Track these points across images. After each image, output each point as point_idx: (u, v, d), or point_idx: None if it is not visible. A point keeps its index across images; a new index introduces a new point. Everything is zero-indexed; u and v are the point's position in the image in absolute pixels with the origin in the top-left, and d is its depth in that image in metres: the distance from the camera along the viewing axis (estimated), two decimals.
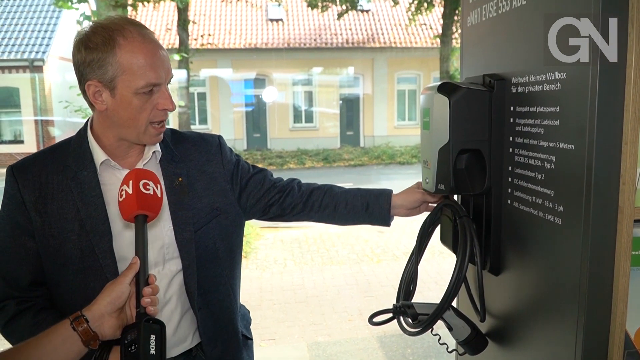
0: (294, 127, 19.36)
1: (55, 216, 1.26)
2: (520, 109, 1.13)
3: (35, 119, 16.89)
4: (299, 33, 19.15)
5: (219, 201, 1.42)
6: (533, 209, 1.09)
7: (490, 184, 1.23)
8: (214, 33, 18.32)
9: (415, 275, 1.45)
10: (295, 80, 19.49)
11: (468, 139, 1.21)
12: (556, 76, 0.99)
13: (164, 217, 1.34)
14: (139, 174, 1.12)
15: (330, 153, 17.21)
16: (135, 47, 1.19)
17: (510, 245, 1.22)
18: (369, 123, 19.34)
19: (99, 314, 1.04)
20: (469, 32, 1.41)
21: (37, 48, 16.66)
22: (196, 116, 18.54)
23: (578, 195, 0.94)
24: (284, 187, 1.54)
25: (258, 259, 6.49)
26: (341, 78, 19.67)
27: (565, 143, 0.98)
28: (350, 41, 19.01)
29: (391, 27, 19.45)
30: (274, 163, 16.42)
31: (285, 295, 5.25)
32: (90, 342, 1.03)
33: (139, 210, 1.08)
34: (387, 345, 4.02)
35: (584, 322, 0.94)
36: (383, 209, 1.51)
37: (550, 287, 1.06)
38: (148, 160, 1.34)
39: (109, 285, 1.07)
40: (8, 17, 17.30)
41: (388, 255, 6.41)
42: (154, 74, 1.20)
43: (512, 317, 1.24)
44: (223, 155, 1.47)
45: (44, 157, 1.33)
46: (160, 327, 1.02)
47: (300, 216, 1.56)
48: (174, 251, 1.34)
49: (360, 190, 1.55)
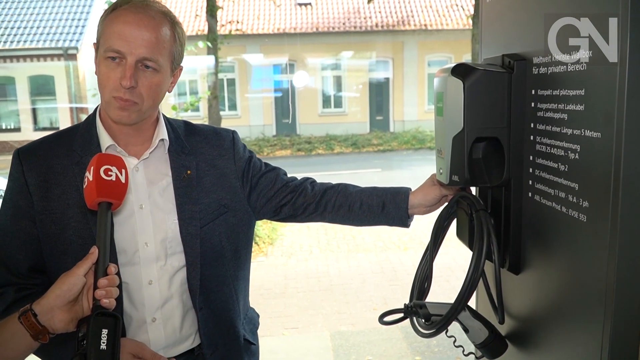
0: (322, 113, 19.24)
1: (57, 201, 1.24)
2: (542, 92, 1.02)
3: (70, 106, 17.29)
4: (328, 17, 18.92)
5: (227, 198, 1.37)
6: (556, 204, 0.99)
7: (509, 176, 1.13)
8: (243, 19, 18.27)
9: (430, 272, 1.36)
10: (324, 65, 19.32)
11: (485, 126, 1.11)
12: (582, 54, 0.88)
13: (169, 209, 1.30)
14: (101, 159, 1.06)
15: (359, 138, 17.03)
16: (119, 15, 1.19)
17: (531, 242, 1.12)
18: (399, 108, 19.04)
19: (48, 308, 0.99)
20: (489, 9, 1.29)
21: (71, 37, 16.99)
22: (225, 103, 18.60)
23: (605, 190, 0.83)
24: (296, 187, 1.46)
25: (284, 245, 6.48)
26: (370, 62, 19.40)
27: (591, 130, 0.87)
28: (379, 24, 18.69)
29: (421, 9, 19.03)
30: (302, 149, 16.37)
31: (309, 283, 5.22)
32: (39, 336, 0.98)
33: (100, 198, 1.02)
34: (411, 336, 3.94)
35: (611, 328, 0.84)
36: (401, 209, 1.41)
37: (573, 289, 0.95)
38: (154, 148, 1.31)
39: (62, 276, 1.02)
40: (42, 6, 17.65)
41: (415, 243, 6.30)
42: (119, 41, 1.17)
43: (533, 319, 1.14)
44: (235, 151, 1.43)
45: (51, 141, 1.32)
46: (114, 320, 0.95)
47: (314, 217, 1.48)
48: (177, 245, 1.30)
49: (377, 189, 1.45)
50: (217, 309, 1.37)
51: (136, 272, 1.27)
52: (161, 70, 1.22)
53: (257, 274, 5.51)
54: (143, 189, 1.29)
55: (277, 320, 4.36)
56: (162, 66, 1.21)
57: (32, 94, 17.69)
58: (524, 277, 1.16)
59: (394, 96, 19.16)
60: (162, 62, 1.21)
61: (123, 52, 1.17)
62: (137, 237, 1.27)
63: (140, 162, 1.30)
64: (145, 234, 1.28)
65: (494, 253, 1.15)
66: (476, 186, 1.27)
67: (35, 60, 17.12)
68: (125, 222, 1.26)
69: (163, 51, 1.21)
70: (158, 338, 1.30)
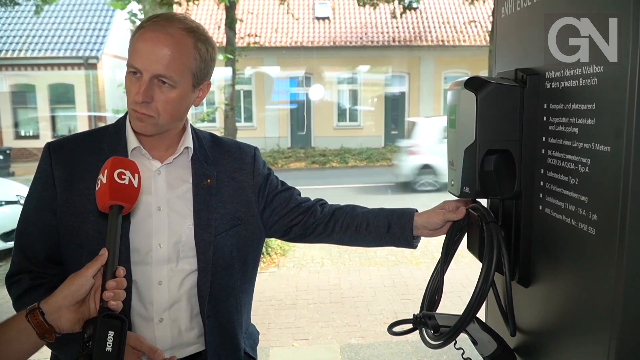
0: (338, 126, 19.29)
1: (80, 195, 1.28)
2: (554, 107, 1.03)
3: (89, 114, 17.55)
4: (345, 31, 19.06)
5: (242, 211, 1.41)
6: (565, 217, 0.99)
7: (520, 188, 1.14)
8: (261, 31, 18.46)
9: (441, 284, 1.37)
10: (340, 79, 19.42)
11: (496, 139, 1.12)
12: (593, 70, 0.89)
13: (186, 213, 1.33)
14: (115, 162, 1.08)
15: (373, 152, 17.03)
16: (142, 33, 1.23)
17: (541, 255, 1.12)
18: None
19: (56, 307, 1.00)
20: (503, 24, 1.31)
21: (92, 46, 17.30)
22: (242, 114, 18.74)
23: (614, 203, 0.83)
24: (308, 208, 1.50)
25: (295, 257, 6.48)
26: (386, 77, 19.44)
27: (601, 144, 0.88)
28: (396, 39, 18.77)
29: (439, 25, 19.08)
30: (316, 161, 16.41)
31: (320, 295, 5.21)
32: (45, 335, 0.99)
33: (112, 201, 1.04)
34: (421, 351, 3.91)
35: (616, 346, 0.84)
36: (406, 229, 1.43)
37: (580, 303, 0.95)
38: (179, 155, 1.35)
39: (70, 277, 1.02)
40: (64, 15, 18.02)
41: (427, 258, 6.26)
42: (136, 58, 1.22)
43: (541, 332, 1.13)
44: (255, 167, 1.47)
45: (81, 138, 1.38)
46: (121, 323, 0.96)
47: (322, 237, 1.52)
48: (189, 250, 1.33)
49: (384, 210, 1.48)
50: (222, 318, 1.38)
51: (147, 271, 1.30)
52: (178, 86, 1.23)
53: (268, 284, 5.51)
54: (163, 192, 1.32)
55: (288, 331, 4.36)
56: (178, 82, 1.23)
57: (51, 101, 18.02)
58: (533, 290, 1.16)
59: (409, 111, 19.15)
60: (178, 78, 1.23)
61: (139, 69, 1.21)
62: (152, 237, 1.30)
63: (163, 166, 1.33)
64: (160, 236, 1.30)
65: (504, 265, 1.16)
66: (487, 198, 1.28)
67: (56, 69, 17.47)
68: (142, 223, 1.29)
69: (180, 68, 1.22)
70: (164, 338, 1.32)
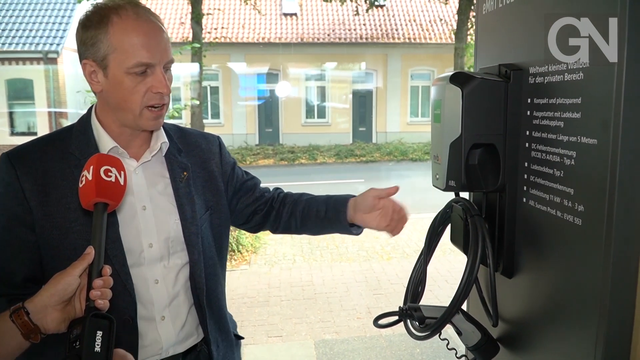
0: (306, 123, 19.28)
1: (57, 206, 1.21)
2: (538, 101, 1.05)
3: (49, 110, 17.00)
4: (313, 28, 19.03)
5: (213, 200, 1.41)
6: (550, 208, 1.02)
7: (504, 181, 1.16)
8: (228, 27, 18.26)
9: (424, 276, 1.38)
10: (308, 75, 19.39)
11: (481, 133, 1.14)
12: (579, 65, 0.91)
13: (170, 209, 1.32)
14: (101, 159, 1.05)
15: (342, 149, 17.11)
16: (128, 25, 1.15)
17: (524, 246, 1.15)
18: (382, 119, 19.20)
19: (42, 306, 0.97)
20: (485, 20, 1.33)
21: (52, 40, 16.74)
22: (209, 110, 18.52)
23: (601, 194, 0.86)
24: (269, 199, 1.54)
25: (267, 254, 6.46)
26: (354, 74, 19.53)
27: (587, 137, 0.90)
28: (364, 36, 18.86)
29: (405, 23, 19.27)
30: (285, 158, 16.37)
31: (293, 292, 5.21)
32: (30, 335, 0.96)
33: (98, 198, 1.01)
34: (395, 345, 3.96)
35: (605, 331, 0.87)
36: (340, 212, 1.43)
37: (568, 291, 0.98)
38: (156, 151, 1.32)
39: (57, 275, 0.99)
40: (23, 8, 17.40)
41: (398, 253, 6.34)
42: (145, 53, 1.16)
43: (525, 322, 1.16)
44: (222, 156, 1.48)
45: (44, 144, 1.27)
46: (109, 322, 0.93)
47: (275, 226, 1.55)
48: (178, 244, 1.32)
49: (328, 197, 1.50)
50: (215, 306, 1.40)
51: (143, 272, 1.27)
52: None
53: (240, 282, 5.48)
54: (144, 191, 1.29)
55: (261, 328, 4.34)
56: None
57: (9, 97, 17.36)
58: (516, 281, 1.19)
59: (377, 108, 19.30)
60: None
61: (152, 63, 1.17)
62: (142, 238, 1.27)
63: (140, 165, 1.29)
64: (150, 235, 1.28)
65: (488, 257, 1.18)
66: (472, 191, 1.30)
67: (14, 64, 16.83)
68: (129, 224, 1.25)
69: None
70: (169, 335, 1.30)
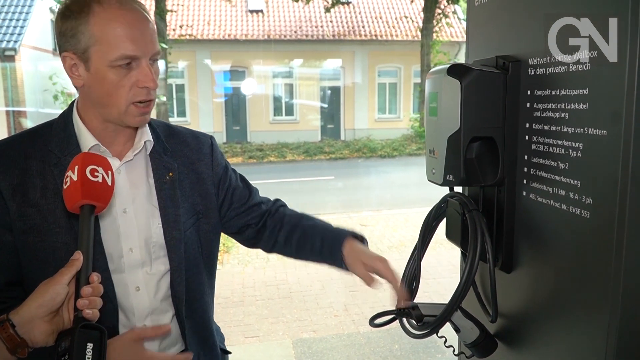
0: (274, 120, 19.17)
1: (35, 207, 1.13)
2: (539, 93, 1.04)
3: (7, 109, 16.39)
4: (280, 25, 18.92)
5: (202, 204, 1.31)
6: (555, 202, 1.00)
7: (503, 175, 1.14)
8: (193, 24, 17.97)
9: (418, 272, 1.36)
10: (275, 73, 19.28)
11: (480, 126, 1.11)
12: (586, 55, 0.90)
13: (153, 212, 1.23)
14: (87, 158, 0.98)
15: (311, 146, 17.07)
16: (110, 15, 1.07)
17: (524, 240, 1.13)
18: (350, 116, 19.25)
19: (28, 318, 0.90)
20: (477, 12, 1.31)
21: (9, 37, 16.14)
22: (174, 108, 18.20)
23: (611, 185, 0.85)
24: (265, 212, 1.43)
25: (240, 253, 6.36)
26: (322, 71, 19.51)
27: (595, 129, 0.89)
28: (331, 33, 18.86)
29: (372, 20, 19.35)
30: (254, 156, 16.23)
31: (268, 291, 5.15)
32: (17, 349, 0.89)
33: (84, 200, 0.94)
34: (374, 341, 3.95)
35: (618, 323, 0.86)
36: (334, 253, 1.37)
37: (575, 284, 0.97)
38: (139, 150, 1.23)
39: (43, 284, 0.92)
40: None
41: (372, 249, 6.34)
42: (130, 44, 1.08)
43: (524, 317, 1.15)
44: (214, 157, 1.37)
45: (22, 141, 1.20)
46: (99, 333, 0.87)
47: (268, 246, 1.45)
48: (160, 250, 1.23)
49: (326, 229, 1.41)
50: (199, 318, 1.32)
51: (123, 279, 1.19)
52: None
53: None
54: (126, 192, 1.21)
55: (237, 329, 4.26)
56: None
57: None
58: (515, 276, 1.17)
59: (345, 105, 19.34)
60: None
61: (138, 55, 1.09)
62: (122, 243, 1.19)
63: (123, 164, 1.22)
64: (130, 240, 1.20)
65: (488, 252, 1.16)
66: (470, 186, 1.28)
67: None
68: (108, 227, 1.18)
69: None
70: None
